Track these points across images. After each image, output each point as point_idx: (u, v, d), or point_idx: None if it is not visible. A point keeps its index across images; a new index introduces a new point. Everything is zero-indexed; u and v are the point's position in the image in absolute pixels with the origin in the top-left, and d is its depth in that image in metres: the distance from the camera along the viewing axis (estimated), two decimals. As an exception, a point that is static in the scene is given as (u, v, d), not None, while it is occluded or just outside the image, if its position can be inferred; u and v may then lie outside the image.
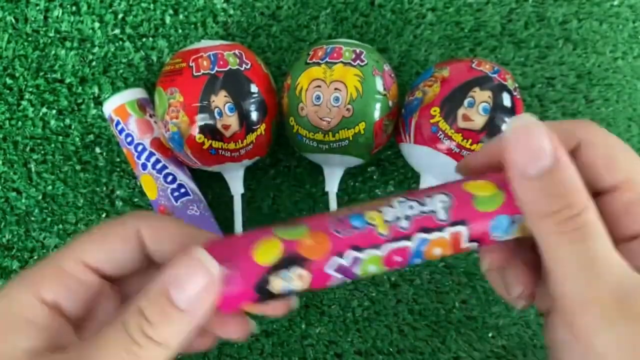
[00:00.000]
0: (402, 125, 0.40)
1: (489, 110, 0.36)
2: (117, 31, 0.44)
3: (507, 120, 0.37)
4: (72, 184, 0.43)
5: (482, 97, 0.37)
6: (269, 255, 0.21)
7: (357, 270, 0.22)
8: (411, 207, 0.22)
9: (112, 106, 0.41)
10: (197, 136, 0.38)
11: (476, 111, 0.36)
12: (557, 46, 0.46)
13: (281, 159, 0.45)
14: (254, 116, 0.38)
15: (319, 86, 0.38)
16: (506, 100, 0.37)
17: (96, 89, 0.44)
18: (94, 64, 0.44)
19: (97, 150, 0.44)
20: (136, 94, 0.42)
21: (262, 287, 0.21)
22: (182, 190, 0.41)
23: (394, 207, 0.22)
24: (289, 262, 0.21)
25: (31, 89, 0.44)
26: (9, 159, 0.43)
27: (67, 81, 0.44)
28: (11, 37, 0.44)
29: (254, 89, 0.38)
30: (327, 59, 0.38)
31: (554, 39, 0.46)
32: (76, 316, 0.23)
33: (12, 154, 0.43)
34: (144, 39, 0.44)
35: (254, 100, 0.38)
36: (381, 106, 0.38)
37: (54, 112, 0.44)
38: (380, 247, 0.22)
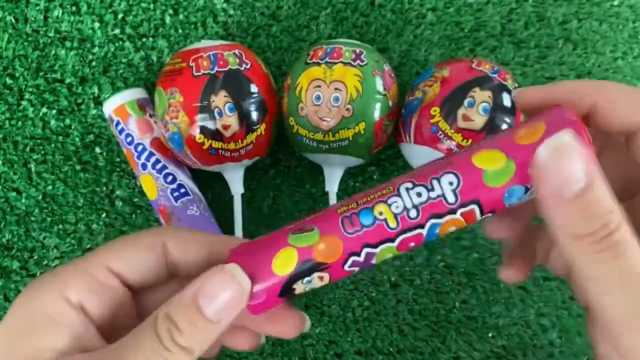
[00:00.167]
0: (402, 125, 0.40)
1: (489, 110, 0.36)
2: (117, 31, 0.44)
3: (507, 120, 0.37)
4: (72, 184, 0.43)
5: (482, 97, 0.37)
6: (288, 266, 0.22)
7: (373, 261, 0.23)
8: (419, 195, 0.22)
9: (112, 106, 0.41)
10: (197, 136, 0.38)
11: (476, 111, 0.36)
12: (557, 46, 0.46)
13: (281, 159, 0.45)
14: (254, 116, 0.38)
15: (319, 86, 0.38)
16: (506, 100, 0.37)
17: (96, 89, 0.44)
18: (94, 64, 0.44)
19: (97, 150, 0.44)
20: (136, 94, 0.42)
21: (286, 293, 0.23)
22: (182, 190, 0.41)
23: (400, 196, 0.22)
24: (308, 269, 0.22)
25: (31, 89, 0.44)
26: (9, 159, 0.43)
27: (67, 81, 0.44)
28: (11, 37, 0.44)
29: (254, 89, 0.38)
30: (327, 59, 0.38)
31: (554, 39, 0.46)
32: (99, 320, 0.23)
33: (12, 154, 0.43)
34: (144, 39, 0.44)
35: (254, 100, 0.38)
36: (381, 106, 0.38)
37: (54, 112, 0.44)
38: (393, 240, 0.22)
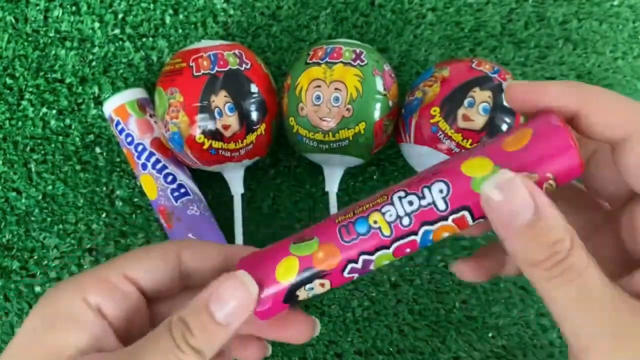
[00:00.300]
0: (402, 125, 0.40)
1: (489, 110, 0.36)
2: (117, 31, 0.44)
3: (507, 119, 0.37)
4: (72, 184, 0.43)
5: (482, 97, 0.37)
6: (289, 274, 0.24)
7: (371, 267, 0.24)
8: (410, 203, 0.23)
9: (112, 106, 0.41)
10: (197, 136, 0.38)
11: (476, 111, 0.36)
12: (557, 46, 0.46)
13: (281, 159, 0.45)
14: (254, 116, 0.38)
15: (319, 86, 0.38)
16: (506, 100, 0.37)
17: (96, 89, 0.44)
18: (94, 64, 0.44)
19: (97, 150, 0.44)
20: (136, 94, 0.42)
21: (290, 299, 0.24)
22: (182, 190, 0.41)
23: (394, 205, 0.23)
24: (309, 277, 0.23)
25: (31, 89, 0.44)
26: (9, 159, 0.43)
27: (67, 81, 0.44)
28: (11, 37, 0.44)
29: (254, 89, 0.38)
30: (327, 59, 0.38)
31: (554, 39, 0.46)
32: (116, 324, 0.24)
33: (12, 154, 0.43)
34: (144, 39, 0.44)
35: (254, 100, 0.38)
36: (381, 106, 0.38)
37: (54, 112, 0.44)
38: (388, 247, 0.23)
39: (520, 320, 0.43)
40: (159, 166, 0.41)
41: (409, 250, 0.23)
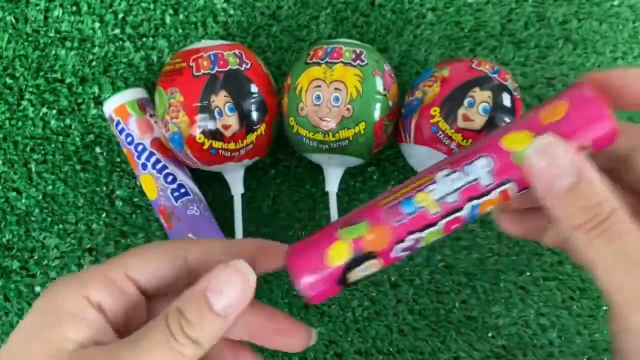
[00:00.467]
0: (402, 125, 0.40)
1: (489, 110, 0.36)
2: (117, 31, 0.44)
3: (507, 120, 0.37)
4: (72, 184, 0.43)
5: (482, 97, 0.37)
6: (341, 257, 0.24)
7: (420, 244, 0.25)
8: (455, 180, 0.24)
9: (112, 106, 0.41)
10: (197, 136, 0.38)
11: (476, 111, 0.36)
12: (557, 46, 0.46)
13: (281, 159, 0.45)
14: (254, 116, 0.38)
15: (319, 86, 0.38)
16: (506, 100, 0.37)
17: (96, 89, 0.44)
18: (94, 63, 0.44)
19: (97, 150, 0.44)
20: (136, 93, 0.42)
21: (344, 281, 0.25)
22: (182, 190, 0.41)
23: (438, 183, 0.24)
24: (360, 258, 0.24)
25: (31, 89, 0.44)
26: (9, 159, 0.43)
27: (67, 81, 0.44)
28: (11, 37, 0.44)
29: (254, 89, 0.38)
30: (327, 59, 0.38)
31: (554, 39, 0.46)
32: (116, 322, 0.24)
33: (12, 154, 0.43)
34: (144, 39, 0.44)
35: (254, 100, 0.38)
36: (381, 106, 0.38)
37: (54, 112, 0.44)
38: (435, 224, 0.24)
39: (520, 320, 0.43)
40: (159, 166, 0.41)
41: (456, 225, 0.24)
